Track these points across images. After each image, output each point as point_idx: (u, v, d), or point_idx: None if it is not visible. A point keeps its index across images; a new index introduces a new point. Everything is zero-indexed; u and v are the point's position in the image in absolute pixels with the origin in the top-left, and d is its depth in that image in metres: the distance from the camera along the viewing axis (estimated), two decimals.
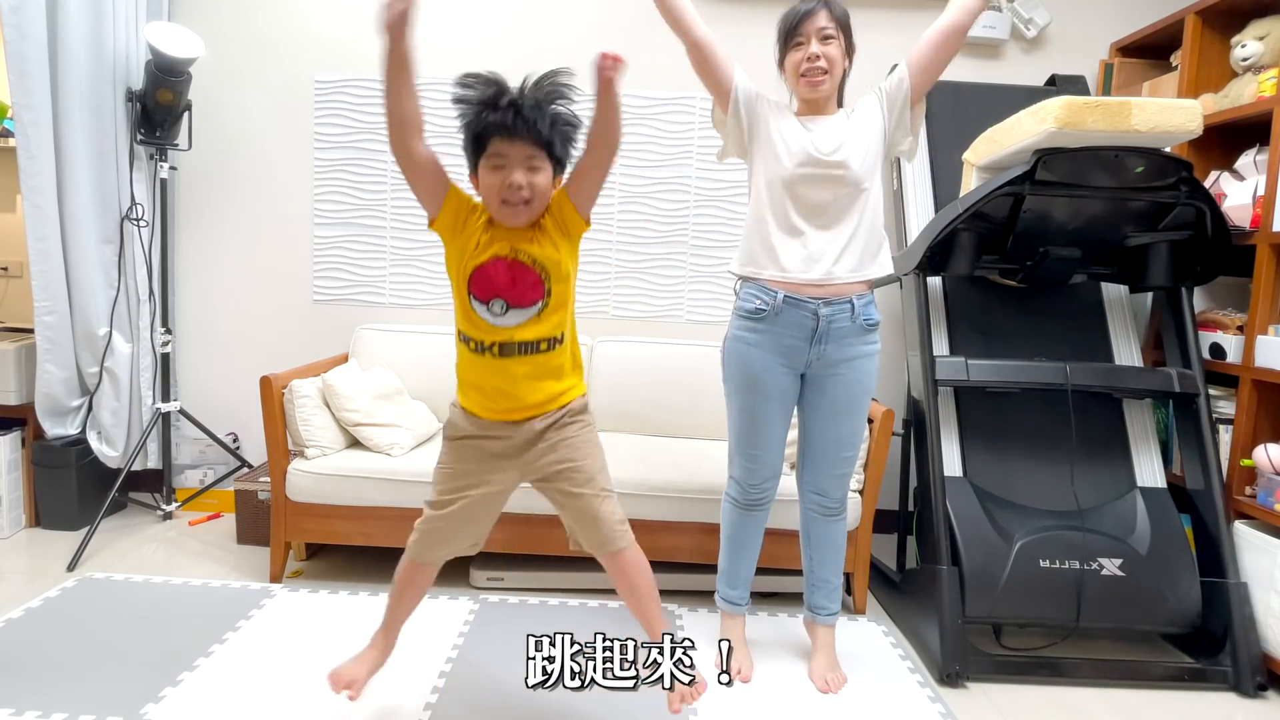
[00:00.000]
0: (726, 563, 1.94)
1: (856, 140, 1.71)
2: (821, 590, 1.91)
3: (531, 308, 1.39)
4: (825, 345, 1.72)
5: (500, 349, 1.40)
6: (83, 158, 2.49)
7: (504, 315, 1.39)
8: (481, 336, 1.41)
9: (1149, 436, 2.21)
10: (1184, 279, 2.16)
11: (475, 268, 1.38)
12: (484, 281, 1.38)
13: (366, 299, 2.89)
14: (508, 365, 1.41)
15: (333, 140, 2.82)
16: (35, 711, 1.58)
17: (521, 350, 1.41)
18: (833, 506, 1.86)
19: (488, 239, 1.39)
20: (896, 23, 2.78)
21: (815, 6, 1.67)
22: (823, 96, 1.72)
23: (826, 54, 1.66)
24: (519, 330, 1.40)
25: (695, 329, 2.87)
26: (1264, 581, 1.92)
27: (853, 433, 1.81)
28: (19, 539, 2.54)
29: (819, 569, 1.91)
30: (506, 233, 1.39)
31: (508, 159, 1.33)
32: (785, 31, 1.72)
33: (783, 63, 1.75)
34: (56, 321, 2.50)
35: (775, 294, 1.70)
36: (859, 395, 1.78)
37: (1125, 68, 2.67)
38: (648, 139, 2.81)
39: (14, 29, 2.30)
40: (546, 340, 1.42)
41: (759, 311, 1.72)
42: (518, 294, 1.38)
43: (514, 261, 1.38)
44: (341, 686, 1.51)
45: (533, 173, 1.34)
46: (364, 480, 2.21)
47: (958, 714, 1.76)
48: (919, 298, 2.22)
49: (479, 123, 1.33)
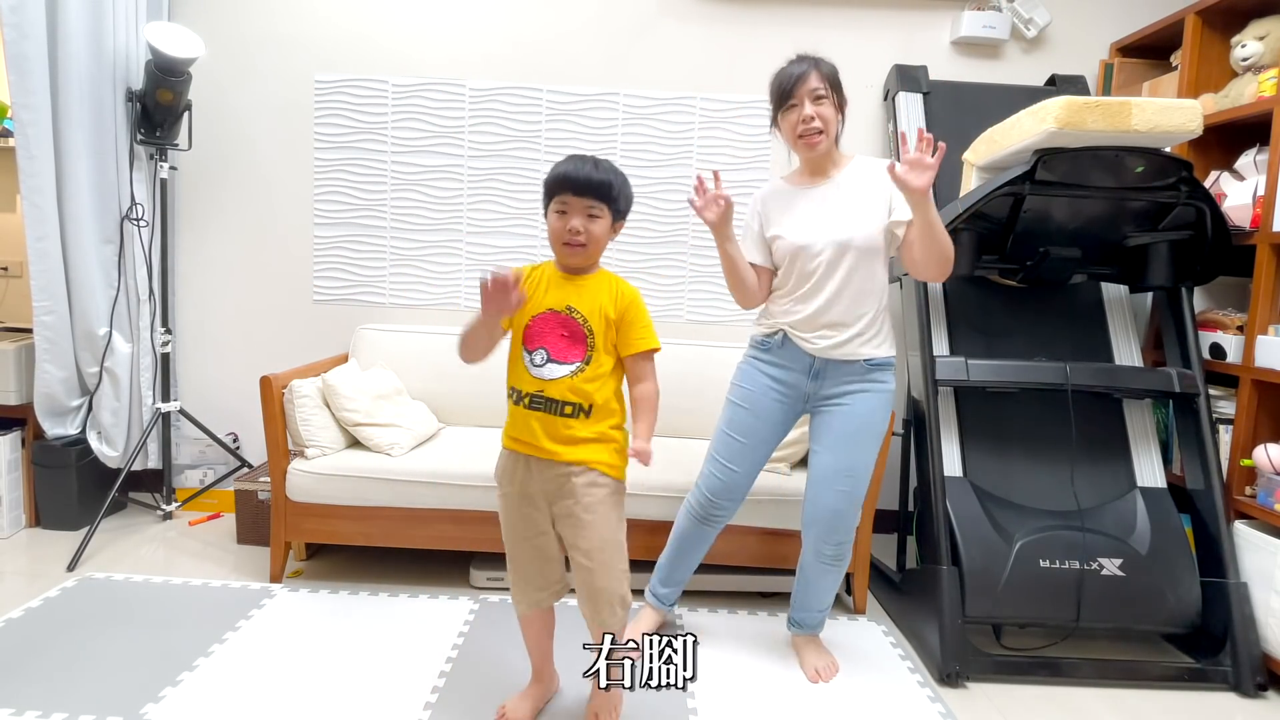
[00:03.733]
0: (667, 564, 2.00)
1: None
2: (804, 612, 1.95)
3: (570, 364, 1.47)
4: (822, 380, 1.78)
5: (530, 401, 1.48)
6: (83, 158, 2.49)
7: (543, 366, 1.48)
8: (522, 386, 1.50)
9: (1149, 436, 2.21)
10: (1184, 279, 2.16)
11: (532, 318, 1.50)
12: (536, 330, 1.50)
13: (366, 299, 2.89)
14: (529, 416, 1.49)
15: (333, 140, 2.83)
16: (35, 711, 1.58)
17: (546, 406, 1.47)
18: (827, 552, 1.83)
19: (544, 294, 1.51)
20: (896, 22, 2.79)
21: (806, 70, 1.71)
22: (820, 154, 1.77)
23: (820, 114, 1.71)
24: (551, 385, 1.47)
25: (695, 329, 2.87)
26: (1264, 581, 1.92)
27: (848, 465, 1.77)
28: (19, 539, 2.54)
29: (810, 600, 1.93)
30: (561, 294, 1.50)
31: (570, 206, 1.47)
32: (779, 95, 1.75)
33: (777, 122, 1.79)
34: (56, 321, 2.50)
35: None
36: (856, 429, 1.77)
37: (1125, 68, 2.67)
38: (648, 139, 2.81)
39: (14, 29, 2.30)
40: (572, 405, 1.47)
41: (765, 342, 1.84)
42: (558, 348, 1.48)
43: (566, 317, 1.49)
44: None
45: (591, 220, 1.47)
46: (364, 480, 2.21)
47: (958, 714, 1.76)
48: (919, 298, 2.22)
49: (556, 172, 1.48)
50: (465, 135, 2.82)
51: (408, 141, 2.82)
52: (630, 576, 1.57)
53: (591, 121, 2.81)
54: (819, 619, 1.96)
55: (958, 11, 2.76)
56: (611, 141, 2.81)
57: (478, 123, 2.81)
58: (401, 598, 2.19)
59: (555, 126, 2.81)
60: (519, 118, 2.81)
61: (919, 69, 2.68)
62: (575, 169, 1.46)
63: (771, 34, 2.76)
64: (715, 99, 2.80)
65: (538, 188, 2.81)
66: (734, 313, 2.85)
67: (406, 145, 2.82)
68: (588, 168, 1.46)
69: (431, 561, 2.35)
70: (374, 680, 1.76)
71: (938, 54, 2.79)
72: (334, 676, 1.77)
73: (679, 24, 2.79)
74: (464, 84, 2.80)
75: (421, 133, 2.82)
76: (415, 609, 2.13)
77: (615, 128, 2.81)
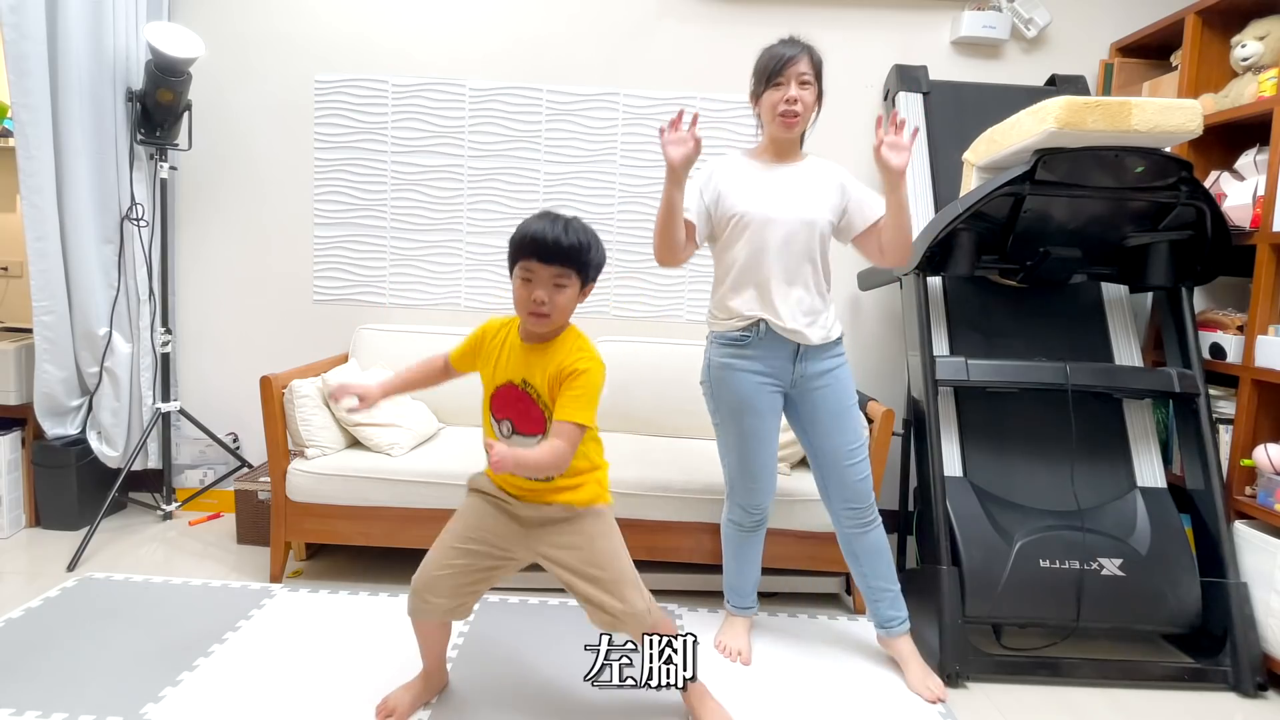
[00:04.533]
0: (733, 578, 2.03)
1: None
2: (884, 600, 1.90)
3: (533, 437, 1.47)
4: (807, 361, 1.81)
5: None
6: (82, 158, 2.49)
7: (510, 437, 1.48)
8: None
9: (1149, 436, 2.21)
10: (1184, 279, 2.16)
11: (496, 388, 1.50)
12: (500, 402, 1.50)
13: (366, 299, 2.89)
14: (506, 479, 1.52)
15: (333, 140, 2.83)
16: (35, 711, 1.58)
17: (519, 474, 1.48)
18: (866, 516, 1.87)
19: (505, 362, 1.49)
20: (896, 22, 2.78)
21: (799, 53, 1.75)
22: (793, 137, 1.81)
23: (803, 98, 1.74)
24: None
25: (695, 329, 2.87)
26: (1264, 581, 1.92)
27: (855, 434, 1.86)
28: (19, 539, 2.54)
29: (874, 580, 1.90)
30: (521, 364, 1.47)
31: (535, 275, 1.40)
32: (768, 72, 1.77)
33: (758, 98, 1.81)
34: (56, 321, 2.50)
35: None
36: (847, 402, 1.86)
37: (1125, 68, 2.67)
38: (647, 139, 2.81)
39: (14, 29, 2.30)
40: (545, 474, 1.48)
41: (743, 337, 1.82)
42: (521, 422, 1.48)
43: (522, 393, 1.47)
44: (383, 716, 1.61)
45: (557, 290, 1.41)
46: (364, 480, 2.21)
47: (958, 714, 1.76)
48: (919, 298, 2.22)
49: (523, 234, 1.41)
50: (465, 135, 2.82)
51: (408, 141, 2.82)
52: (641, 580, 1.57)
53: (591, 121, 2.81)
54: (900, 602, 1.90)
55: (958, 11, 2.76)
56: (611, 141, 2.81)
57: (478, 123, 2.82)
58: (401, 598, 2.18)
59: (555, 126, 2.81)
60: (519, 118, 2.81)
61: (919, 69, 2.68)
62: (543, 231, 1.36)
63: (771, 34, 2.70)
64: (715, 99, 2.80)
65: (538, 188, 2.83)
66: None
67: (406, 145, 2.82)
68: (557, 230, 1.37)
69: None
70: (374, 680, 1.76)
71: (938, 54, 2.79)
72: (334, 676, 1.77)
73: (679, 24, 2.79)
74: (464, 84, 2.80)
75: (421, 133, 2.82)
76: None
77: (615, 128, 2.81)
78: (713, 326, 1.89)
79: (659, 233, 1.72)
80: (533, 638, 1.98)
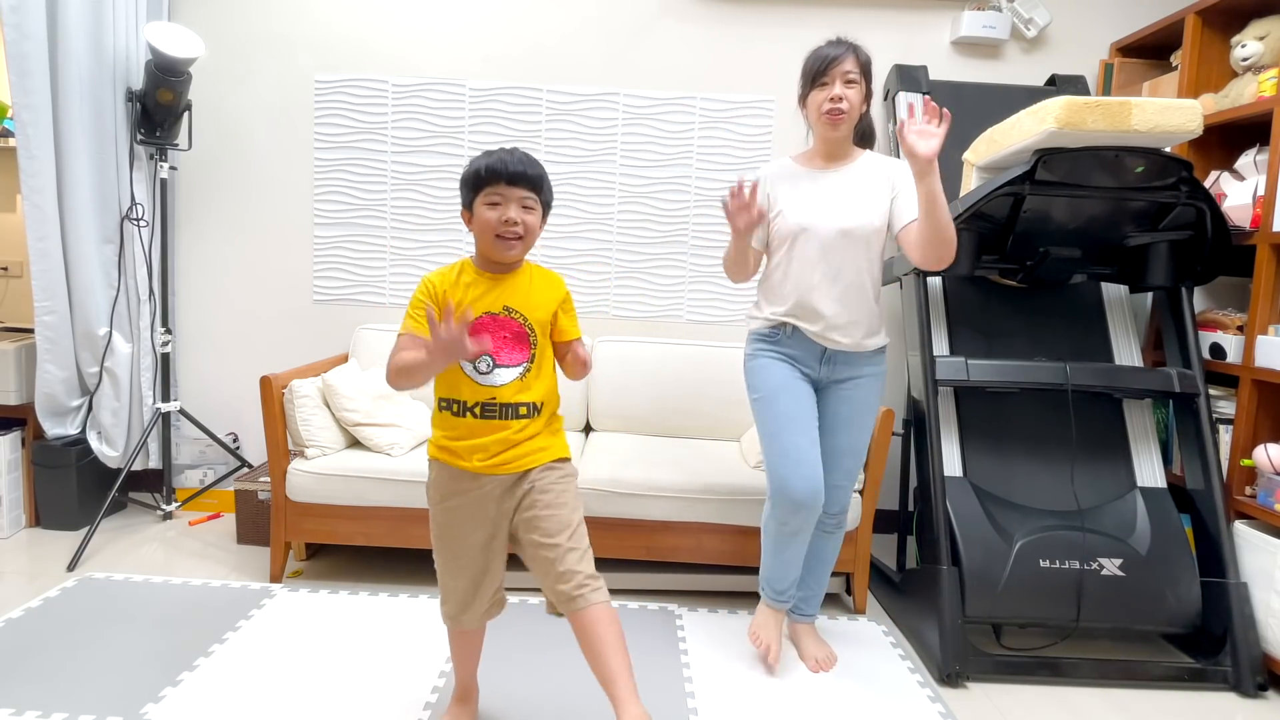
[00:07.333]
0: (769, 569, 1.91)
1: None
2: (802, 594, 1.98)
3: (517, 366, 1.42)
4: (834, 366, 1.82)
5: (482, 409, 1.40)
6: (83, 158, 2.49)
7: (490, 373, 1.41)
8: (465, 397, 1.41)
9: (1149, 436, 2.21)
10: (1184, 279, 2.16)
11: (468, 326, 1.38)
12: (473, 338, 1.38)
13: (366, 299, 2.89)
14: (479, 427, 1.41)
15: (333, 140, 2.83)
16: (35, 711, 1.58)
17: (500, 413, 1.41)
18: (829, 523, 1.91)
19: (474, 297, 1.42)
20: (896, 22, 2.79)
21: (844, 52, 1.74)
22: (840, 136, 1.79)
23: (848, 97, 1.73)
24: (502, 391, 1.41)
25: (695, 329, 2.87)
26: (1264, 581, 1.92)
27: (853, 446, 1.87)
28: (19, 539, 2.54)
29: (808, 576, 1.97)
30: (492, 295, 1.42)
31: (504, 196, 1.39)
32: (813, 72, 1.77)
33: (805, 100, 1.80)
34: (56, 321, 2.50)
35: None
36: (863, 412, 1.86)
37: (1125, 68, 2.67)
38: (648, 139, 2.81)
39: (14, 29, 2.30)
40: (526, 406, 1.43)
41: (774, 333, 1.85)
42: (504, 353, 1.42)
43: (506, 319, 1.42)
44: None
45: (526, 211, 1.41)
46: (364, 480, 2.21)
47: (958, 714, 1.76)
48: (919, 298, 2.22)
49: (483, 164, 1.41)
50: (465, 135, 2.82)
51: (408, 141, 2.82)
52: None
53: (591, 121, 2.81)
54: (817, 601, 2.00)
55: (958, 11, 2.76)
56: (611, 141, 2.81)
57: (478, 123, 2.82)
58: (401, 598, 2.19)
59: (555, 126, 2.81)
60: (519, 118, 2.81)
61: (919, 69, 2.68)
62: (506, 160, 1.39)
63: (771, 34, 2.76)
64: (715, 99, 2.80)
65: None
66: (734, 313, 2.86)
67: (406, 145, 2.82)
68: (519, 159, 1.40)
69: (431, 562, 2.34)
70: (374, 680, 1.76)
71: (938, 54, 2.79)
72: (334, 677, 1.77)
73: (679, 24, 2.79)
74: (464, 84, 2.80)
75: (421, 133, 2.82)
76: (415, 609, 2.13)
77: (615, 128, 2.81)
78: (750, 317, 1.92)
79: (732, 268, 1.85)
80: (534, 640, 1.98)
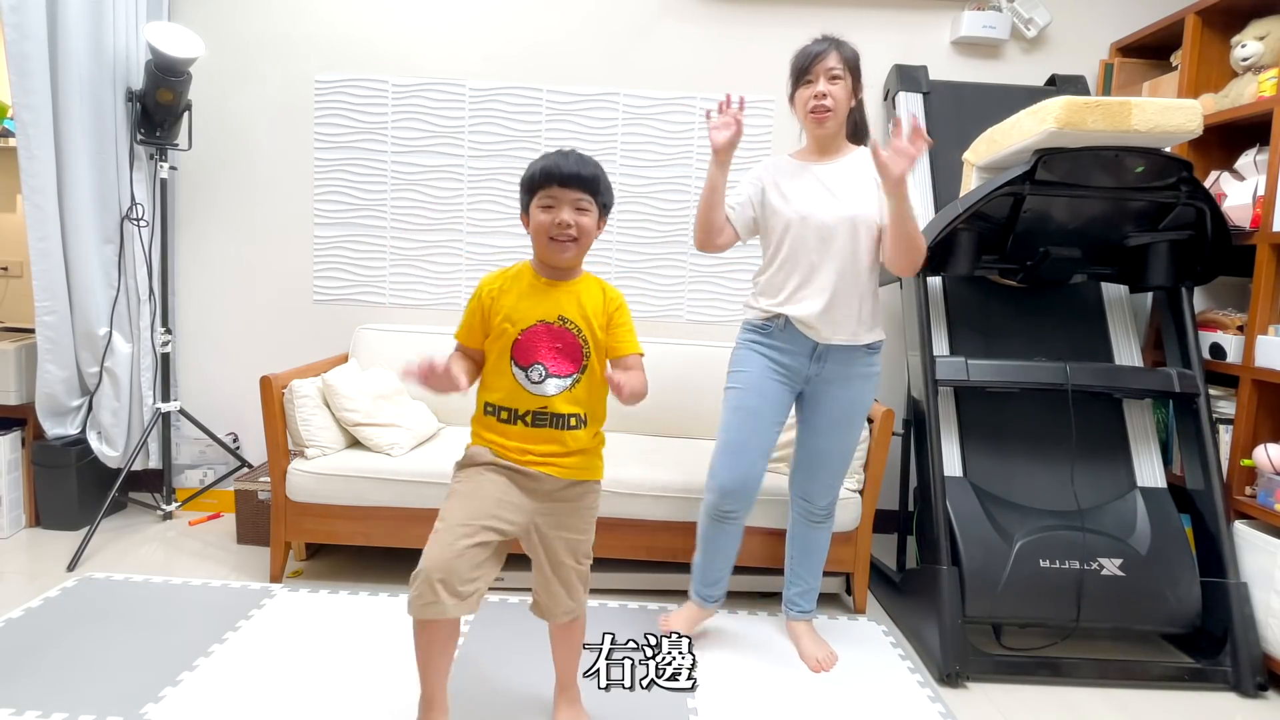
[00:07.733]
0: (699, 562, 1.99)
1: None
2: (797, 588, 2.01)
3: (567, 377, 1.42)
4: (824, 363, 1.81)
5: (533, 418, 1.42)
6: (83, 158, 2.49)
7: (543, 383, 1.42)
8: (519, 405, 1.42)
9: (1149, 436, 2.21)
10: (1184, 279, 2.16)
11: (523, 331, 1.42)
12: (527, 346, 1.42)
13: (366, 299, 2.89)
14: (538, 434, 1.43)
15: (333, 140, 2.83)
16: (35, 711, 1.58)
17: (551, 422, 1.42)
18: (818, 513, 1.94)
19: (528, 305, 1.43)
20: (896, 22, 2.78)
21: (826, 48, 1.76)
22: (828, 133, 1.81)
23: (833, 93, 1.75)
24: (555, 401, 1.42)
25: (695, 329, 2.87)
26: (1264, 581, 1.92)
27: (844, 446, 1.89)
28: (19, 539, 2.54)
29: (799, 569, 2.00)
30: (550, 302, 1.43)
31: (557, 199, 1.41)
32: (797, 70, 1.80)
33: (793, 98, 1.83)
34: (57, 321, 2.50)
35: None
36: (854, 414, 1.87)
37: (1125, 68, 2.67)
38: (648, 139, 2.81)
39: (14, 29, 2.30)
40: (575, 417, 1.44)
41: (765, 326, 1.86)
42: (557, 363, 1.42)
43: (561, 329, 1.43)
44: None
45: (580, 214, 1.42)
46: (364, 480, 2.21)
47: (958, 714, 1.76)
48: (919, 298, 2.22)
49: (538, 167, 1.44)
50: (465, 135, 2.82)
51: (408, 141, 2.82)
52: None
53: (591, 121, 2.81)
54: (813, 596, 2.01)
55: (958, 11, 2.76)
56: (611, 141, 2.81)
57: (478, 123, 2.82)
58: (401, 598, 2.18)
59: (555, 126, 2.81)
60: (519, 118, 2.81)
61: (919, 69, 2.68)
62: (560, 162, 1.41)
63: (771, 34, 2.76)
64: (715, 99, 2.77)
65: None
66: (734, 313, 2.86)
67: (406, 145, 2.82)
68: (573, 160, 1.42)
69: None
70: (374, 680, 1.76)
71: (938, 54, 2.79)
72: (334, 676, 1.77)
73: (679, 24, 2.79)
74: (464, 84, 2.80)
75: (421, 133, 2.82)
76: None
77: (615, 128, 2.81)
78: (746, 306, 1.93)
79: (699, 213, 1.83)
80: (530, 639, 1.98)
